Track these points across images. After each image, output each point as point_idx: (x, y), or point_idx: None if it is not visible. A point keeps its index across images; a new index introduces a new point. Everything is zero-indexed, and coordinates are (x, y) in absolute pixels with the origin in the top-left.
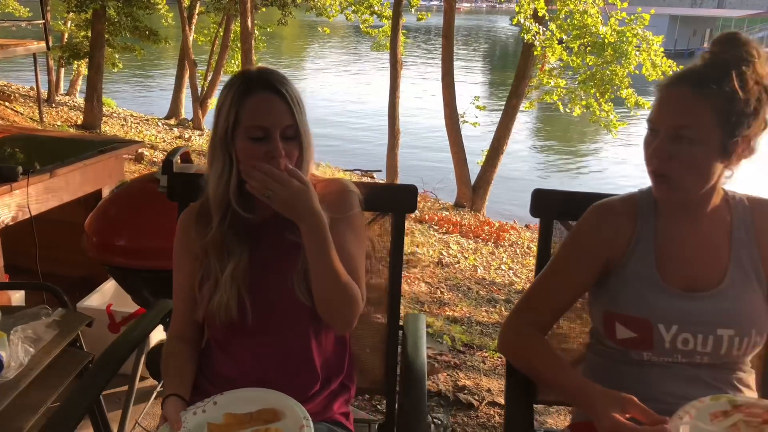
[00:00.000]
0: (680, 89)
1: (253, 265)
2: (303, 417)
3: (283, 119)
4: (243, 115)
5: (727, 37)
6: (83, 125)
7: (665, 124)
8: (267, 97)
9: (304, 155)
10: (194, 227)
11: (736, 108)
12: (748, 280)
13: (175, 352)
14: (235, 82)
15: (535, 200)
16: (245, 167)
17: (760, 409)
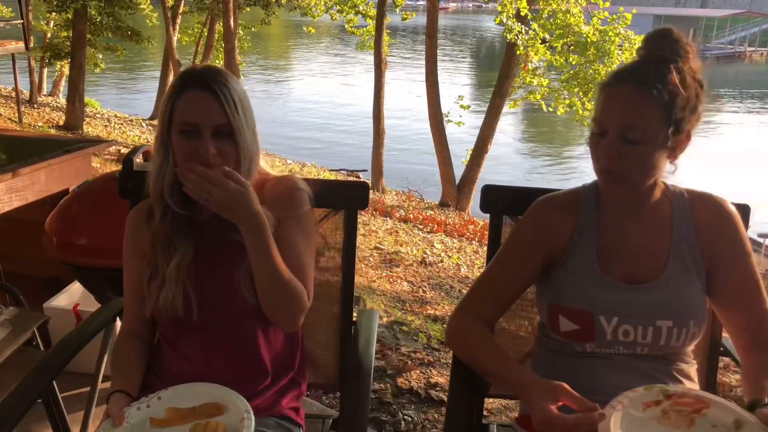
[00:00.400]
0: (625, 88)
1: (199, 263)
2: (244, 410)
3: (215, 117)
4: (176, 112)
5: (661, 33)
6: (65, 126)
7: (614, 124)
8: (199, 95)
9: (243, 155)
10: (144, 225)
11: (679, 104)
12: (687, 272)
13: (124, 349)
14: (177, 79)
15: (485, 196)
16: (182, 169)
17: (690, 398)
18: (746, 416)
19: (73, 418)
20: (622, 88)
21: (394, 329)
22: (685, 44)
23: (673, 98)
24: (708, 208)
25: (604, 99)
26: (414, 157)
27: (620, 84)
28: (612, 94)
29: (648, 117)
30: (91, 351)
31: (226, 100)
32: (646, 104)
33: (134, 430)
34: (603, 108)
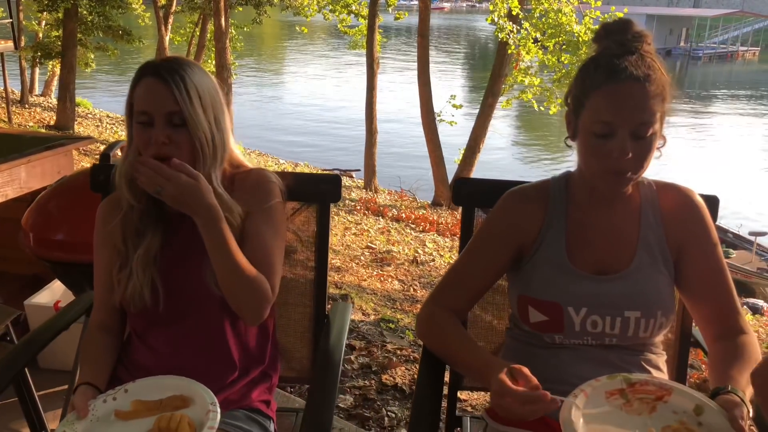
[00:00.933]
0: (626, 86)
1: (167, 253)
2: (210, 402)
3: (166, 105)
4: (134, 100)
5: (623, 25)
6: (56, 126)
7: (625, 123)
8: (151, 83)
9: (199, 144)
10: (113, 216)
11: (669, 91)
12: (655, 263)
13: (92, 341)
14: (138, 68)
15: (457, 189)
16: (135, 163)
17: (653, 386)
18: (706, 402)
19: (53, 415)
20: (624, 86)
21: (380, 327)
22: (642, 31)
23: (665, 88)
24: (675, 199)
25: (605, 100)
26: (408, 155)
27: (620, 82)
28: (614, 94)
29: (654, 111)
30: (68, 348)
31: (178, 87)
32: (649, 98)
33: (99, 423)
34: (608, 109)
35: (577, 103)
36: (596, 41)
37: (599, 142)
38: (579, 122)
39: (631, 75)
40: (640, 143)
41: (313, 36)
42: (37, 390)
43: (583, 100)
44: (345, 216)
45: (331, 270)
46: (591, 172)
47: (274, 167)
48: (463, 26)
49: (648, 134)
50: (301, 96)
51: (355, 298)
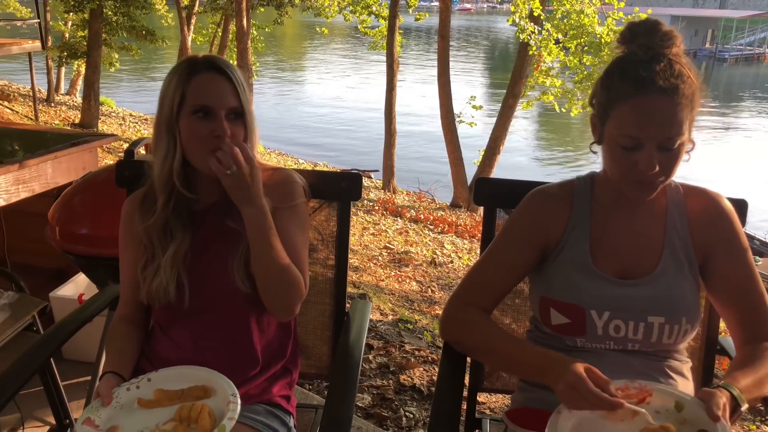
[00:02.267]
0: (654, 99)
1: (194, 250)
2: (231, 393)
3: (229, 99)
4: (188, 95)
5: (651, 26)
6: (80, 124)
7: (653, 137)
8: (212, 77)
9: (249, 138)
10: (138, 212)
11: (698, 97)
12: (681, 268)
13: (118, 332)
14: (181, 64)
15: (479, 188)
16: (206, 146)
17: (634, 390)
18: (686, 397)
19: (77, 405)
20: (652, 100)
21: (398, 327)
22: (672, 32)
23: (695, 95)
24: (703, 203)
25: (632, 114)
26: (428, 156)
27: (648, 95)
28: (641, 107)
29: (683, 122)
30: (92, 340)
31: (238, 82)
32: (678, 111)
33: (122, 410)
34: (634, 123)
35: (602, 111)
36: (622, 43)
37: (625, 153)
38: (605, 130)
39: (659, 88)
40: (667, 155)
41: (334, 37)
42: (61, 380)
43: (608, 109)
44: (363, 216)
45: (349, 269)
46: (616, 180)
47: (293, 167)
48: (483, 27)
49: (676, 146)
50: (320, 96)
51: (372, 298)
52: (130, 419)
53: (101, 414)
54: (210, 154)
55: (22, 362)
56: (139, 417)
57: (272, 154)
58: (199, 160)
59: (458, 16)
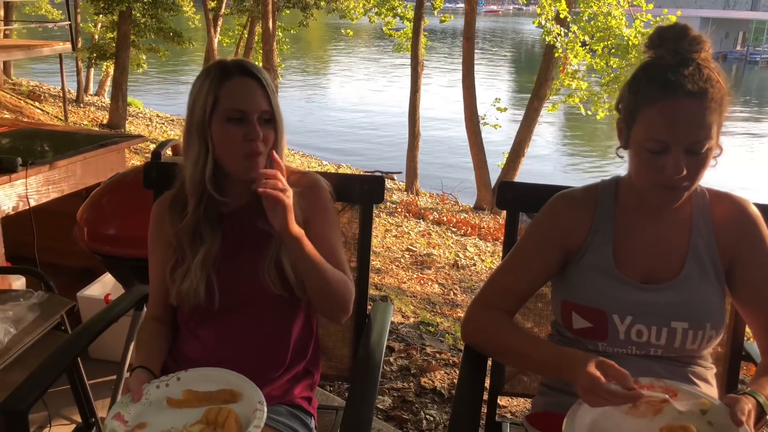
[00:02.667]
0: (684, 103)
1: (224, 252)
2: (258, 401)
3: (261, 103)
4: (221, 99)
5: (680, 31)
6: (108, 125)
7: (680, 141)
8: (245, 81)
9: (279, 141)
10: (167, 214)
11: (726, 102)
12: (706, 274)
13: (148, 331)
14: (212, 69)
15: (502, 192)
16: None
17: (659, 389)
18: (713, 401)
19: (102, 404)
20: (680, 103)
21: (420, 329)
22: (700, 36)
23: (723, 100)
24: (729, 209)
25: (660, 117)
26: (449, 161)
27: (675, 99)
28: (669, 111)
29: (711, 126)
30: (118, 339)
31: (269, 86)
32: (707, 114)
33: (151, 408)
34: (662, 127)
35: (629, 115)
36: (650, 47)
37: (652, 157)
38: (631, 134)
39: (688, 91)
40: (694, 159)
41: (359, 39)
42: (88, 378)
43: (635, 113)
44: (386, 218)
45: (371, 271)
46: (642, 185)
47: (317, 168)
48: (509, 29)
49: (703, 150)
50: (345, 97)
51: (394, 300)
52: (158, 417)
53: (130, 410)
54: (243, 158)
55: (50, 362)
56: (167, 416)
57: (296, 156)
58: (231, 163)
59: (484, 18)
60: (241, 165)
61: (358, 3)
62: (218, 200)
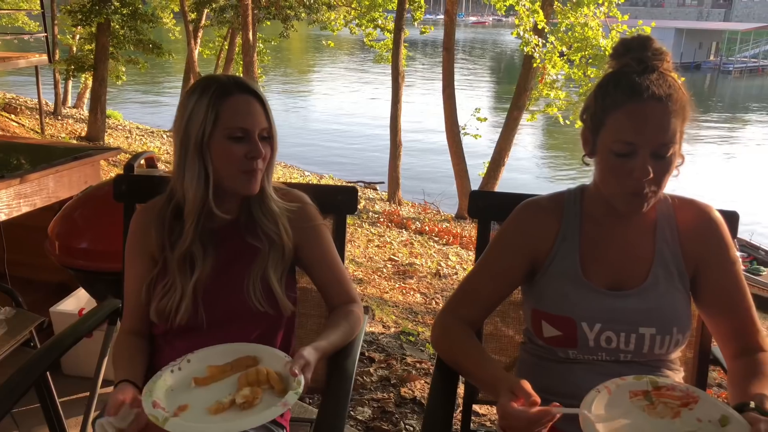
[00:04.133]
0: (649, 105)
1: (212, 269)
2: (283, 356)
3: (262, 120)
4: (222, 117)
5: (643, 41)
6: (86, 137)
7: (647, 144)
8: (246, 99)
9: (274, 158)
10: (154, 228)
11: (688, 110)
12: (671, 279)
13: (125, 344)
14: (208, 86)
15: (473, 201)
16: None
17: (679, 392)
18: (733, 414)
19: (75, 421)
20: (646, 107)
21: (400, 339)
22: (662, 48)
23: (684, 104)
24: (693, 215)
25: (627, 120)
26: (430, 171)
27: (641, 102)
28: (636, 114)
29: (674, 130)
30: (93, 355)
31: (267, 103)
32: (671, 118)
33: (179, 391)
34: (630, 129)
35: (597, 121)
36: (615, 57)
37: (619, 161)
38: (598, 140)
39: (653, 94)
40: (660, 163)
41: (341, 50)
42: (60, 396)
43: (603, 118)
44: (368, 228)
45: (353, 281)
46: (610, 191)
47: (299, 179)
48: (489, 40)
49: (668, 154)
50: (327, 108)
51: (376, 310)
52: (194, 397)
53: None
54: (242, 174)
55: (17, 378)
56: (201, 393)
57: (278, 167)
58: (231, 180)
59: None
60: (240, 181)
61: (339, 14)
62: (216, 215)
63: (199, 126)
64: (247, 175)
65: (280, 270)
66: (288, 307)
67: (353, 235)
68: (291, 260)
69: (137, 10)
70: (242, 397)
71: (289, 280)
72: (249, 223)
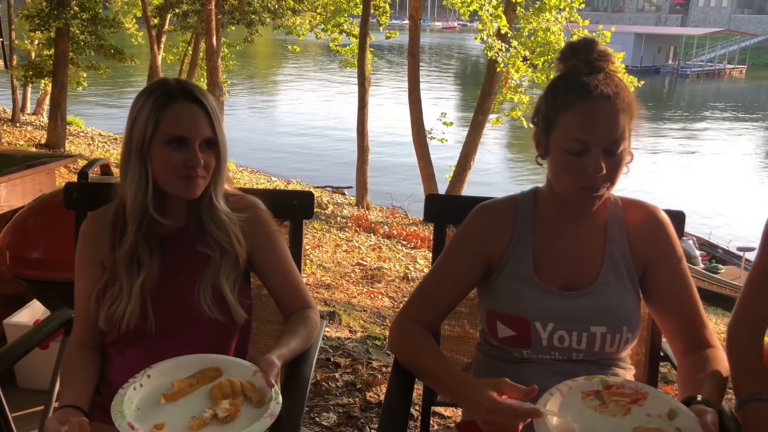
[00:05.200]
0: (598, 104)
1: (161, 275)
2: (250, 366)
3: (204, 130)
4: (163, 123)
5: (588, 44)
6: (46, 145)
7: (599, 140)
8: (188, 107)
9: (221, 167)
10: (106, 234)
11: (635, 110)
12: (620, 279)
13: (74, 359)
14: (155, 90)
15: (429, 205)
16: (177, 172)
17: (629, 389)
18: (680, 407)
19: None
20: (596, 105)
21: (367, 344)
22: (606, 50)
23: (631, 103)
24: (641, 215)
25: (578, 119)
26: (399, 175)
27: (591, 101)
28: (587, 113)
29: (623, 127)
30: (48, 368)
31: (213, 112)
32: (619, 115)
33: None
34: (581, 128)
35: (548, 122)
36: (562, 60)
37: (573, 159)
38: (551, 140)
39: (602, 93)
40: (611, 159)
41: (307, 54)
42: (15, 410)
43: (554, 119)
44: (336, 233)
45: (320, 287)
46: (564, 189)
47: (265, 184)
48: (455, 45)
49: (619, 150)
50: (293, 114)
51: (343, 315)
52: (166, 414)
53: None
54: (181, 179)
55: None
56: (173, 409)
57: (244, 172)
58: (170, 186)
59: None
60: (178, 186)
61: (304, 19)
62: (159, 222)
63: (142, 130)
64: (186, 181)
65: (233, 278)
66: (241, 314)
67: (321, 240)
68: (245, 267)
69: (98, 15)
70: (224, 410)
71: (242, 286)
72: (199, 231)
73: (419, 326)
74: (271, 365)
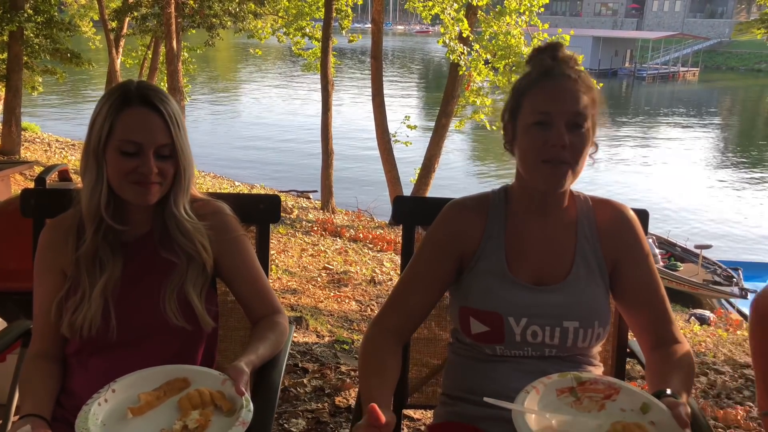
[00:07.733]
0: (563, 81)
1: (124, 281)
2: (218, 374)
3: (159, 137)
4: (117, 128)
5: (554, 45)
6: (0, 151)
7: (563, 112)
8: (144, 113)
9: (183, 175)
10: (64, 241)
11: (599, 100)
12: (592, 275)
13: (35, 371)
14: (114, 93)
15: (397, 207)
16: (129, 179)
17: (602, 385)
18: (653, 400)
19: None
20: (559, 81)
21: (335, 348)
22: (571, 53)
23: (594, 93)
24: (610, 213)
25: (542, 93)
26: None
27: (554, 78)
28: (550, 88)
29: (586, 105)
30: (5, 380)
31: (171, 119)
32: (582, 93)
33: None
34: (545, 100)
35: (515, 106)
36: (529, 63)
37: (537, 132)
38: (518, 123)
39: (564, 73)
40: (575, 134)
41: (269, 58)
42: None
43: (520, 100)
44: (302, 237)
45: (287, 292)
46: (529, 167)
47: (229, 189)
48: (417, 48)
49: (583, 127)
50: (256, 118)
51: (310, 320)
52: (133, 428)
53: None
54: (134, 184)
55: None
56: (140, 423)
57: (207, 177)
58: (123, 192)
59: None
60: (131, 191)
61: (266, 23)
62: (124, 227)
63: (98, 133)
64: (139, 186)
65: (200, 285)
66: (208, 322)
67: (287, 245)
68: (212, 274)
69: (53, 18)
70: (194, 421)
71: (209, 293)
72: (164, 238)
73: (387, 336)
74: (240, 373)
